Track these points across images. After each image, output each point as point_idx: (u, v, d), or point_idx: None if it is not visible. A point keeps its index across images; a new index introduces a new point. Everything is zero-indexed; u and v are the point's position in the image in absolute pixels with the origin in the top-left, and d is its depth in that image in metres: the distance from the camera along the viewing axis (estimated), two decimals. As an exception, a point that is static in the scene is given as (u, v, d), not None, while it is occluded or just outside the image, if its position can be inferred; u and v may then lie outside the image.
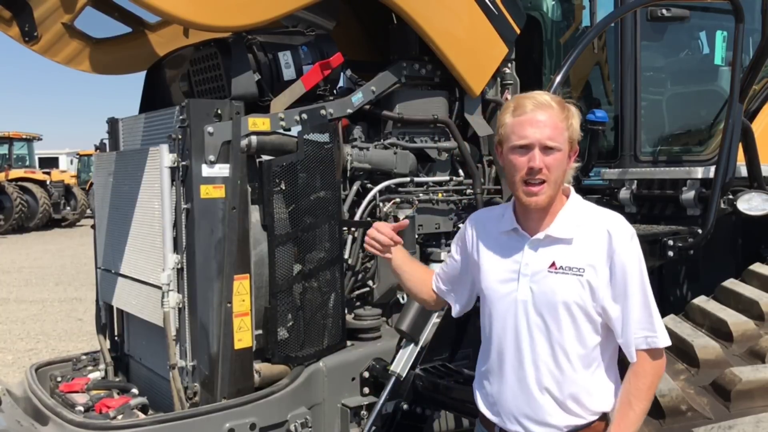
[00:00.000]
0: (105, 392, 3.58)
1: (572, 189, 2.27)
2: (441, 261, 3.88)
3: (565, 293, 2.12)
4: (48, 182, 24.47)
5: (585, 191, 4.47)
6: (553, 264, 2.14)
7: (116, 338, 4.04)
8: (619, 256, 2.10)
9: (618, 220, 2.18)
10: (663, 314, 3.47)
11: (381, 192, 3.68)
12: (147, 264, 3.34)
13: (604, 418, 2.19)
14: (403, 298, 3.82)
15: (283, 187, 3.21)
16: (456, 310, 2.54)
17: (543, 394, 2.16)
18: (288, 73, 3.42)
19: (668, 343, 2.15)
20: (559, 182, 2.15)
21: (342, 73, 3.75)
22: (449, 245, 3.93)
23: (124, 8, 3.85)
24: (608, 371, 2.22)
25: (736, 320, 3.21)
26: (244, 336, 3.13)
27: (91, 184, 21.01)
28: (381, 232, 2.47)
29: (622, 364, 2.24)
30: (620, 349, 2.21)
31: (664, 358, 2.20)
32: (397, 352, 3.24)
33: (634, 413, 2.13)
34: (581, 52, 3.44)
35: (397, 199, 3.71)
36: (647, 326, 2.13)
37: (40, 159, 29.66)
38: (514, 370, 2.20)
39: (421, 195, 3.81)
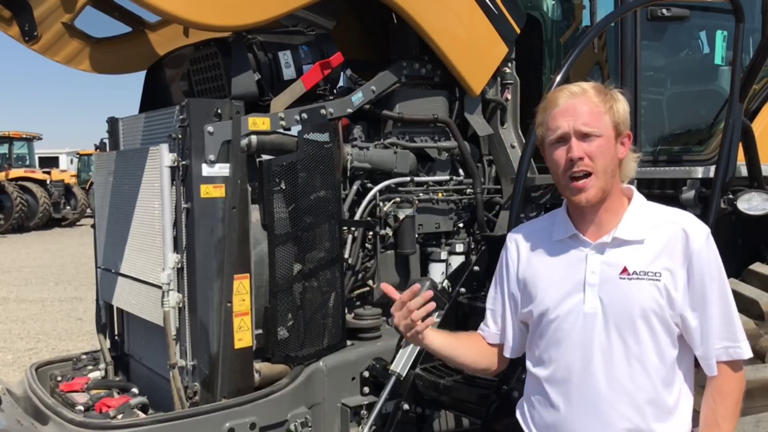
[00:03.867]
0: (105, 392, 3.58)
1: (635, 189, 2.07)
2: (441, 261, 3.88)
3: (642, 301, 1.89)
4: (48, 182, 24.46)
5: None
6: (625, 269, 1.92)
7: (116, 338, 4.04)
8: (698, 258, 1.90)
9: (693, 219, 1.97)
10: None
11: (381, 191, 3.68)
12: (147, 263, 3.34)
13: None
14: (403, 298, 3.81)
15: (283, 187, 3.21)
16: (510, 349, 2.20)
17: (620, 420, 1.92)
18: (288, 72, 3.42)
19: (751, 354, 1.97)
20: (609, 172, 1.94)
21: (342, 73, 3.75)
22: (449, 245, 3.95)
23: (124, 8, 3.85)
24: (685, 390, 2.00)
25: (736, 320, 3.21)
26: (244, 335, 3.13)
27: (91, 183, 21.01)
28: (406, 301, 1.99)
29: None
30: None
31: (744, 371, 2.00)
32: (397, 351, 3.24)
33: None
34: (581, 52, 3.43)
35: (397, 199, 3.72)
36: (729, 335, 1.94)
37: (40, 158, 29.63)
38: (581, 394, 1.95)
39: (421, 194, 3.81)
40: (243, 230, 3.15)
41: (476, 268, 3.48)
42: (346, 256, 3.54)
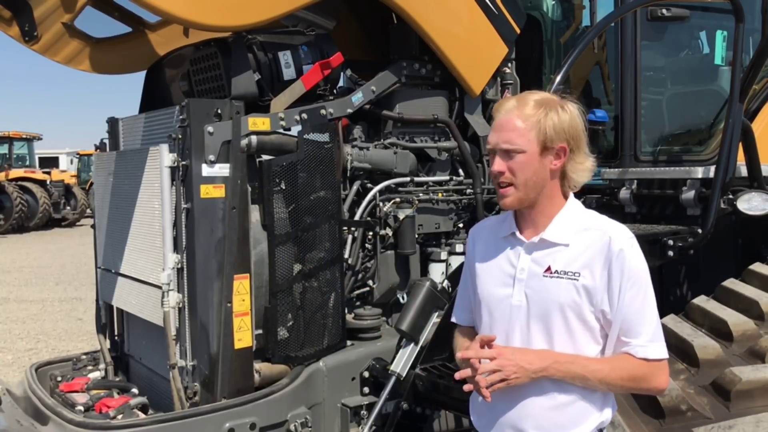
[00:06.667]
0: (105, 392, 3.58)
1: (572, 194, 2.20)
2: (441, 261, 3.88)
3: (559, 297, 2.06)
4: (48, 182, 24.47)
5: (585, 191, 4.48)
6: (549, 268, 2.09)
7: (116, 338, 4.04)
8: (618, 260, 2.04)
9: (618, 226, 2.12)
10: (663, 314, 3.49)
11: (381, 192, 3.68)
12: (147, 264, 3.34)
13: None
14: (403, 298, 3.82)
15: (283, 187, 3.21)
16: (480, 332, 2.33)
17: (533, 405, 2.08)
18: (288, 72, 3.42)
19: (659, 356, 2.06)
20: (531, 185, 2.09)
21: (342, 73, 3.75)
22: (449, 245, 3.95)
23: (124, 8, 3.85)
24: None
25: (736, 320, 3.21)
26: (244, 336, 3.13)
27: (91, 183, 21.04)
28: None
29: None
30: None
31: (661, 375, 2.08)
32: (397, 351, 3.24)
33: (589, 371, 2.02)
34: (581, 52, 3.44)
35: (397, 199, 3.71)
36: (640, 336, 2.05)
37: (40, 159, 29.63)
38: None
39: (421, 195, 3.81)
40: (243, 230, 3.15)
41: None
42: (346, 256, 3.54)
